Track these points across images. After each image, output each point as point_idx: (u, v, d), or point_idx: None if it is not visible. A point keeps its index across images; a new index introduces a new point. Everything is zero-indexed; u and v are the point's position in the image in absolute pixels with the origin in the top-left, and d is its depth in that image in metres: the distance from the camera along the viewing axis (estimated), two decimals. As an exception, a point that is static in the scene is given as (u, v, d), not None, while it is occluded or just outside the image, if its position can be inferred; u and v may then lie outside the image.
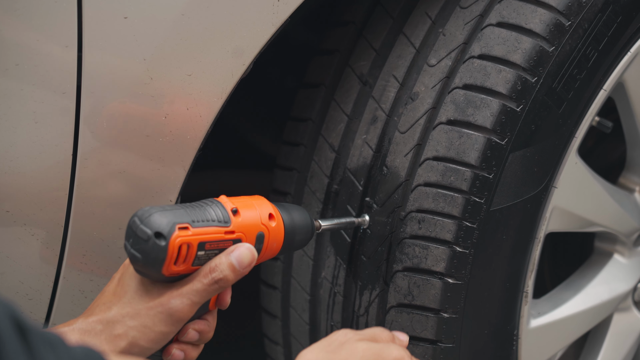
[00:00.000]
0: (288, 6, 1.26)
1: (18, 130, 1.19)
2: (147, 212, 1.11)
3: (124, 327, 1.14)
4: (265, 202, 1.23)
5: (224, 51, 1.24)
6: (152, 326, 1.14)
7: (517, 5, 1.34)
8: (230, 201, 1.18)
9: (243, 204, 1.19)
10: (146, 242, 1.10)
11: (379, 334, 1.29)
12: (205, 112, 1.26)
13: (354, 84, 1.46)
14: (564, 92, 1.36)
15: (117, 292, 1.17)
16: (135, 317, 1.14)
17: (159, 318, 1.15)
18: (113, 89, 1.21)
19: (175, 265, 1.12)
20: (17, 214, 1.24)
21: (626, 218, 1.64)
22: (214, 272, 1.15)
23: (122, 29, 1.18)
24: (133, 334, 1.14)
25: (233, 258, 1.15)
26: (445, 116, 1.34)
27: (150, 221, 1.10)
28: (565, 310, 1.60)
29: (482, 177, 1.32)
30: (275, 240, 1.23)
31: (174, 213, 1.12)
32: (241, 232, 1.17)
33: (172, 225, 1.10)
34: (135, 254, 1.11)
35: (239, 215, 1.17)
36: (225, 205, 1.17)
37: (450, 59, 1.36)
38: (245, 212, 1.19)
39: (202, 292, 1.15)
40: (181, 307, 1.14)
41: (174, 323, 1.15)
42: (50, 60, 1.17)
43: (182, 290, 1.15)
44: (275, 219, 1.22)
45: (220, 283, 1.15)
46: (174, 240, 1.10)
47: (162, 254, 1.10)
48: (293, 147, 1.53)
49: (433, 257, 1.34)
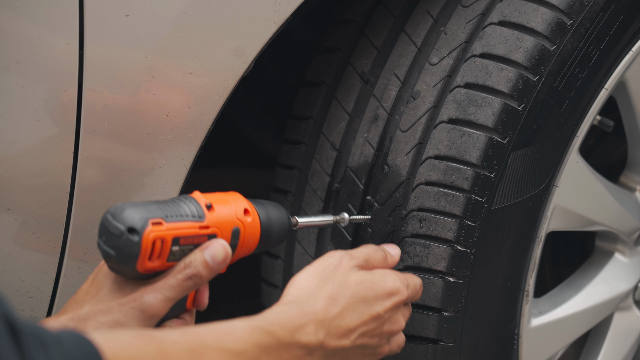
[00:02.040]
0: (289, 4, 1.26)
1: (19, 128, 1.19)
2: (120, 208, 1.10)
3: (95, 323, 1.11)
4: (240, 197, 1.22)
5: (225, 49, 1.24)
6: (124, 322, 1.12)
7: (518, 4, 1.34)
8: (205, 197, 1.17)
9: (217, 200, 1.18)
10: (119, 238, 1.08)
11: (372, 254, 1.29)
12: (206, 110, 1.26)
13: (355, 83, 1.46)
14: (565, 91, 1.36)
15: (90, 291, 1.15)
16: (107, 314, 1.12)
17: (132, 314, 1.12)
18: (114, 87, 1.21)
19: (150, 261, 1.10)
20: (18, 212, 1.24)
21: (627, 217, 1.64)
22: (188, 268, 1.13)
23: (124, 27, 1.18)
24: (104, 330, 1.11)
25: (207, 254, 1.14)
26: (447, 115, 1.34)
27: (123, 217, 1.09)
28: (566, 310, 1.60)
29: (483, 176, 1.32)
30: (252, 236, 1.21)
31: (146, 208, 1.10)
32: (216, 227, 1.16)
33: (145, 220, 1.09)
34: (109, 251, 1.10)
35: (214, 211, 1.16)
36: (199, 200, 1.16)
37: (452, 58, 1.36)
38: (219, 207, 1.17)
39: (176, 287, 1.13)
40: (154, 302, 1.12)
41: (146, 319, 1.12)
42: (51, 58, 1.17)
43: (156, 286, 1.13)
44: (251, 214, 1.21)
45: (194, 279, 1.14)
46: (147, 235, 1.09)
47: (136, 249, 1.09)
48: (294, 145, 1.53)
49: (434, 256, 1.34)
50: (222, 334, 1.03)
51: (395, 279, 1.26)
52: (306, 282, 1.20)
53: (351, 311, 1.20)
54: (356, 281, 1.22)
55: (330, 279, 1.21)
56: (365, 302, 1.21)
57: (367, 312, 1.21)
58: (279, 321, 1.11)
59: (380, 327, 1.23)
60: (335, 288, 1.20)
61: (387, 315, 1.24)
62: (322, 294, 1.18)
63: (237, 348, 1.02)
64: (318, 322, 1.15)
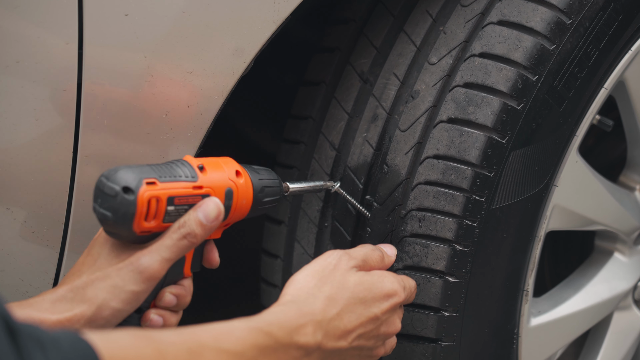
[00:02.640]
0: (289, 4, 1.26)
1: (18, 128, 1.19)
2: (113, 170, 1.11)
3: (94, 290, 1.12)
4: (232, 161, 1.23)
5: (224, 49, 1.24)
6: (123, 286, 1.12)
7: (518, 4, 1.34)
8: (197, 160, 1.19)
9: (210, 162, 1.20)
10: (114, 198, 1.09)
11: (370, 255, 1.30)
12: (206, 109, 1.26)
13: (355, 82, 1.46)
14: (564, 90, 1.36)
15: (86, 261, 1.16)
16: (104, 279, 1.12)
17: (129, 277, 1.12)
18: (114, 87, 1.21)
19: (146, 221, 1.11)
20: (18, 212, 1.24)
21: (626, 216, 1.64)
22: (183, 228, 1.14)
23: (123, 26, 1.18)
24: (103, 295, 1.11)
25: (200, 213, 1.15)
26: (446, 114, 1.34)
27: (117, 177, 1.10)
28: (566, 309, 1.60)
29: (482, 176, 1.32)
30: (245, 197, 1.22)
31: (140, 169, 1.12)
32: (209, 187, 1.17)
33: (139, 180, 1.10)
34: (105, 213, 1.10)
35: (206, 172, 1.18)
36: (192, 162, 1.17)
37: (451, 57, 1.36)
38: (212, 168, 1.19)
39: (171, 247, 1.14)
40: (151, 263, 1.12)
41: (144, 281, 1.13)
42: (51, 58, 1.17)
43: (152, 247, 1.13)
44: (243, 176, 1.23)
45: (189, 238, 1.14)
46: (142, 194, 1.09)
47: (132, 208, 1.09)
48: (293, 144, 1.53)
49: (433, 255, 1.34)
50: (221, 335, 1.03)
51: (392, 280, 1.26)
52: (305, 281, 1.21)
53: (349, 312, 1.20)
54: (355, 282, 1.22)
55: (329, 279, 1.21)
56: (363, 303, 1.22)
57: (365, 313, 1.22)
58: (277, 322, 1.11)
59: (377, 329, 1.24)
60: (334, 289, 1.20)
61: (384, 317, 1.24)
62: (321, 294, 1.19)
63: (235, 349, 1.02)
64: (316, 322, 1.15)
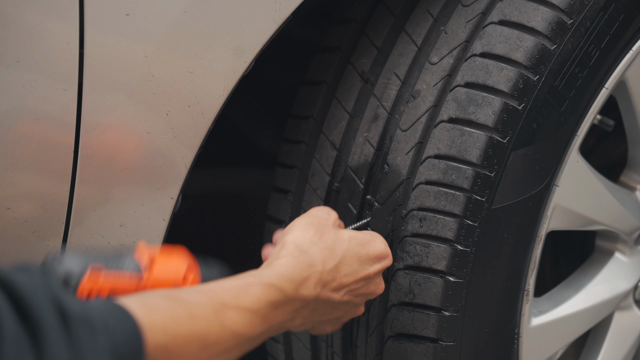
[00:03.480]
0: (290, 3, 1.26)
1: (19, 127, 1.19)
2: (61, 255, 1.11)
3: None
4: (185, 255, 1.17)
5: (225, 48, 1.24)
6: None
7: (519, 3, 1.34)
8: (148, 251, 1.15)
9: (160, 257, 1.15)
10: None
11: None
12: (206, 109, 1.26)
13: (356, 82, 1.46)
14: (565, 90, 1.36)
15: None
16: None
17: None
18: (114, 86, 1.21)
19: None
20: (18, 211, 1.24)
21: (627, 216, 1.64)
22: None
23: (124, 26, 1.18)
24: None
25: None
26: (447, 114, 1.34)
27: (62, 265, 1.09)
28: (566, 309, 1.60)
29: (483, 176, 1.32)
30: None
31: (87, 257, 1.11)
32: (153, 285, 1.12)
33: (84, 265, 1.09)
34: None
35: (153, 268, 1.13)
36: (142, 255, 1.14)
37: (452, 57, 1.36)
38: (161, 263, 1.14)
39: None
40: None
41: None
42: (51, 57, 1.17)
43: None
44: (193, 272, 1.16)
45: None
46: (83, 286, 1.09)
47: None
48: (294, 144, 1.53)
49: (434, 255, 1.34)
50: (239, 293, 1.07)
51: (385, 242, 1.30)
52: (304, 231, 1.24)
53: (346, 265, 1.23)
54: (349, 236, 1.26)
55: (325, 230, 1.25)
56: (359, 259, 1.25)
57: (360, 271, 1.25)
58: (287, 275, 1.15)
59: (366, 287, 1.27)
60: (332, 240, 1.23)
61: (374, 276, 1.28)
62: (321, 243, 1.22)
63: (252, 306, 1.07)
64: (318, 274, 1.19)
